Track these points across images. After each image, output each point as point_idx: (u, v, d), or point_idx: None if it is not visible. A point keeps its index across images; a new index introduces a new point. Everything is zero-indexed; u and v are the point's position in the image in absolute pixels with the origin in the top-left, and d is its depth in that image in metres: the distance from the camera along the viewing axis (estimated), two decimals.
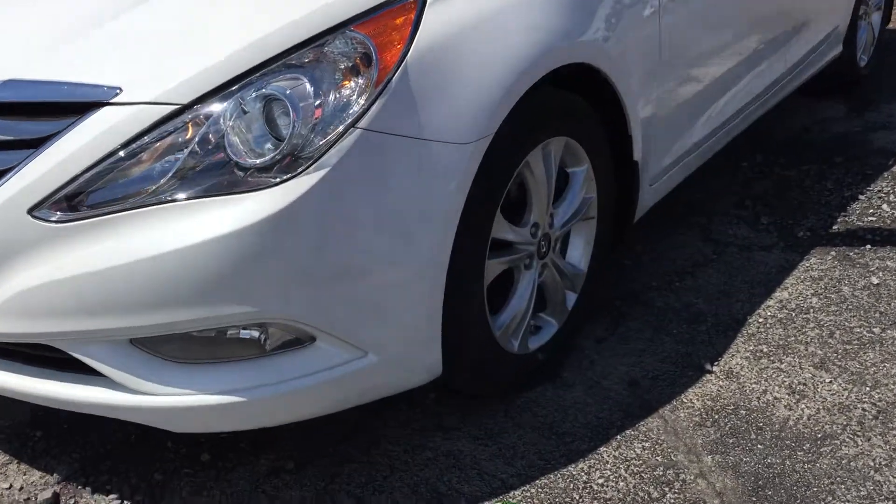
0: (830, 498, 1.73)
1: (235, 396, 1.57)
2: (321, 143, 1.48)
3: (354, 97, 1.51)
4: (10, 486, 1.81)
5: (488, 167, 1.69)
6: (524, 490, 1.78)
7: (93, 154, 1.47)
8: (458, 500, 1.76)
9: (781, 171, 3.23)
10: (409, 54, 1.56)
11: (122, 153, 1.47)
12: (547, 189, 1.94)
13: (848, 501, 1.72)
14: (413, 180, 1.57)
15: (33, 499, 1.77)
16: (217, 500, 1.77)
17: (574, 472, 1.82)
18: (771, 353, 2.18)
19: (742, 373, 2.11)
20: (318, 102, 1.50)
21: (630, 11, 2.08)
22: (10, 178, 1.50)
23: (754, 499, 1.74)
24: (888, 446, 1.86)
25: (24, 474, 1.84)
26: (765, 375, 2.10)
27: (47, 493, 1.77)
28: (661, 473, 1.81)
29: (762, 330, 2.28)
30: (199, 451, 1.89)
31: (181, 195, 1.47)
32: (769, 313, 2.35)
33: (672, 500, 1.74)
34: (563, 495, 1.76)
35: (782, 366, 2.13)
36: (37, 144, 1.50)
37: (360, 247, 1.54)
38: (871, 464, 1.81)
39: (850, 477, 1.78)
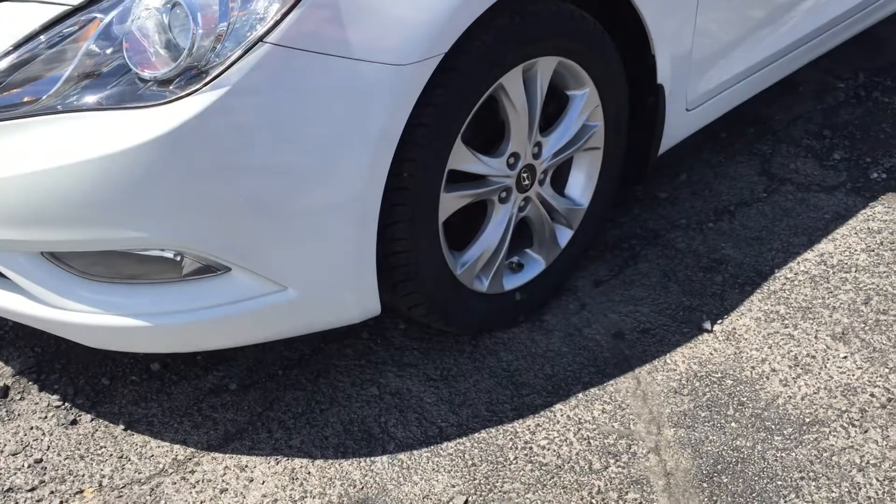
0: (793, 496, 1.52)
1: (143, 320, 1.51)
2: (224, 57, 1.34)
3: (265, 8, 1.35)
4: None
5: (438, 92, 1.50)
6: (458, 442, 1.66)
7: None
8: (387, 444, 1.67)
9: (881, 96, 2.81)
10: None
11: (13, 55, 1.38)
12: (528, 116, 1.73)
13: (812, 503, 1.51)
14: (333, 104, 1.41)
15: None
16: (153, 412, 1.75)
17: (518, 429, 1.68)
18: (787, 316, 1.92)
19: (745, 336, 1.88)
20: (223, 12, 1.35)
21: None
22: None
23: (705, 485, 1.55)
24: (885, 443, 1.61)
25: None
26: (770, 342, 1.86)
27: None
28: (611, 442, 1.64)
29: (786, 287, 2.01)
30: (152, 359, 1.86)
31: (79, 104, 1.38)
32: (802, 268, 2.07)
33: (612, 475, 1.58)
34: (498, 453, 1.64)
35: (795, 332, 1.88)
36: None
37: (266, 174, 1.41)
38: (857, 461, 1.58)
39: (826, 473, 1.56)
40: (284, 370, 1.84)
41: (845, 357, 1.81)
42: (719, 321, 1.92)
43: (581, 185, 1.96)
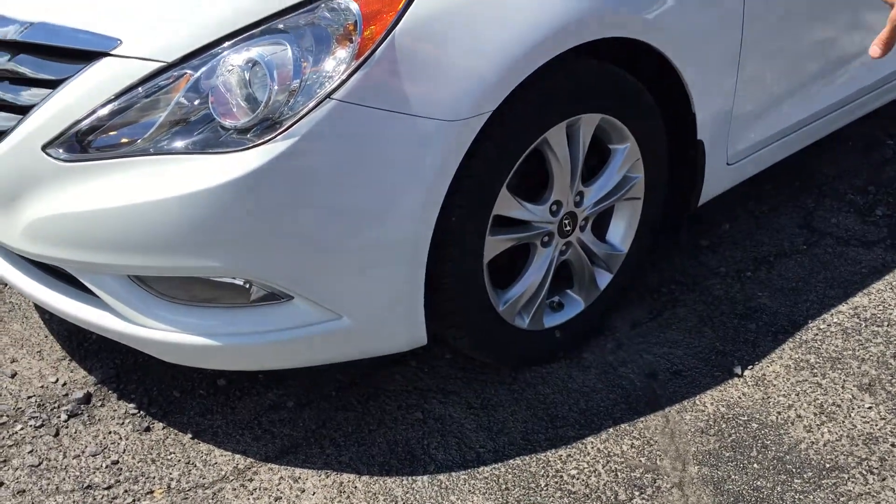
0: None
1: (214, 340, 1.68)
2: (297, 110, 1.52)
3: (334, 67, 1.52)
4: (57, 380, 2.05)
5: (486, 145, 1.66)
6: (494, 467, 1.79)
7: (94, 100, 1.58)
8: (428, 465, 1.80)
9: None
10: (398, 25, 1.54)
11: (115, 103, 1.57)
12: (571, 167, 1.87)
13: None
14: (392, 154, 1.57)
15: (70, 395, 2.00)
16: (217, 423, 1.92)
17: (551, 459, 1.81)
18: (816, 366, 2.01)
19: (774, 382, 1.97)
20: (297, 70, 1.53)
21: None
22: (33, 114, 1.65)
23: None
24: None
25: (71, 372, 2.08)
26: (798, 389, 1.95)
27: (81, 393, 2.00)
28: (637, 476, 1.75)
29: (818, 338, 2.10)
30: (218, 375, 2.04)
31: (168, 148, 1.56)
32: (835, 320, 2.15)
33: None
34: (531, 480, 1.76)
35: (823, 381, 1.97)
36: (55, 85, 1.64)
37: (329, 215, 1.58)
38: None
39: None
40: (337, 392, 1.99)
41: (870, 407, 1.89)
42: (750, 367, 2.02)
43: (621, 233, 2.09)
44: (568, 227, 1.95)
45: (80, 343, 2.17)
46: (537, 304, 1.96)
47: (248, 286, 1.67)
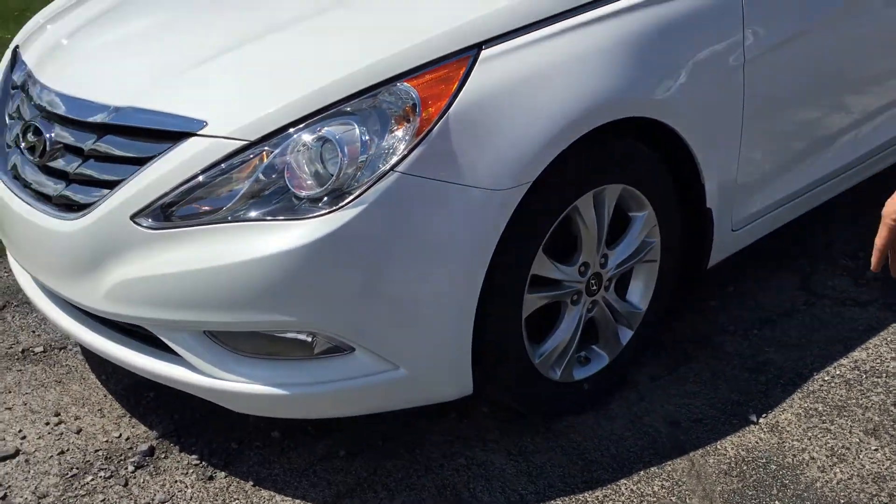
0: None
1: (282, 390, 1.85)
2: (363, 182, 1.72)
3: (396, 143, 1.74)
4: (120, 435, 2.20)
5: (526, 212, 1.86)
6: None
7: (181, 175, 1.78)
8: None
9: None
10: (451, 108, 1.76)
11: (201, 177, 1.77)
12: (598, 232, 2.08)
13: None
14: (446, 220, 1.77)
15: (134, 448, 2.14)
16: (276, 472, 2.06)
17: (588, 499, 1.96)
18: (824, 413, 2.19)
19: (787, 428, 2.14)
20: (363, 146, 1.74)
21: (709, 64, 2.15)
22: (121, 188, 1.85)
23: None
24: None
25: (133, 427, 2.23)
26: (809, 434, 2.12)
27: (145, 446, 2.14)
28: None
29: (824, 388, 2.28)
30: (271, 429, 2.19)
31: (246, 216, 1.76)
32: (838, 372, 2.34)
33: None
34: None
35: (831, 427, 2.14)
36: (142, 162, 1.85)
37: (390, 274, 1.77)
38: None
39: None
40: (384, 442, 2.15)
41: (876, 449, 2.07)
42: (764, 415, 2.19)
43: (640, 292, 2.28)
44: (594, 287, 2.14)
45: (137, 401, 2.32)
46: (568, 357, 2.14)
47: (311, 341, 1.85)
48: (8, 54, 2.53)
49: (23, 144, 2.12)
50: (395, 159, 1.73)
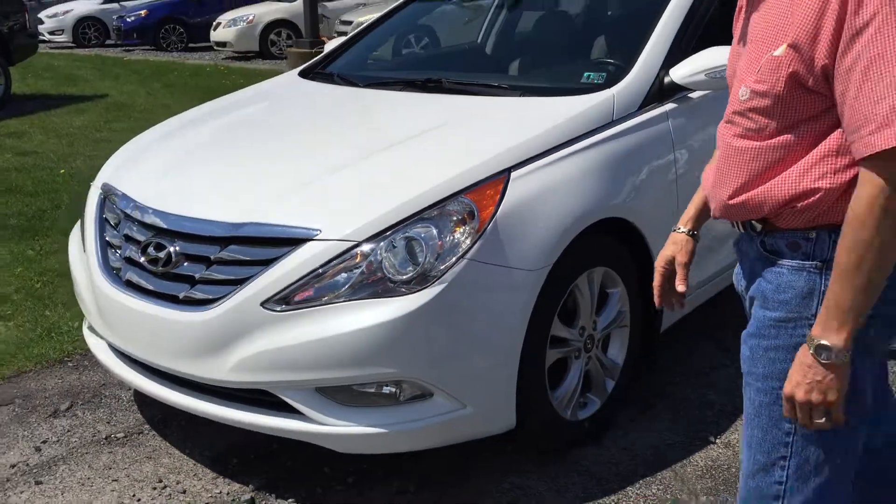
0: None
1: (378, 428, 2.42)
2: (442, 267, 2.38)
3: (463, 239, 2.42)
4: (220, 491, 2.68)
5: (548, 287, 2.56)
6: None
7: (303, 270, 2.39)
8: None
9: None
10: (497, 212, 2.47)
11: (319, 270, 2.39)
12: (591, 303, 2.79)
13: None
14: (499, 292, 2.45)
15: (237, 500, 2.63)
16: None
17: (606, 502, 2.59)
18: None
19: (738, 445, 2.86)
20: (440, 242, 2.41)
21: (655, 177, 2.96)
22: (250, 283, 2.43)
23: None
24: None
25: (228, 485, 2.71)
26: None
27: (247, 496, 2.63)
28: None
29: None
30: (346, 476, 2.73)
31: (353, 297, 2.38)
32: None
33: None
34: None
35: None
36: (267, 263, 2.44)
37: (466, 334, 2.41)
38: None
39: None
40: (443, 476, 2.72)
41: None
42: (719, 436, 2.91)
43: (617, 349, 2.99)
44: (589, 346, 2.84)
45: (224, 467, 2.81)
46: (574, 401, 2.81)
47: (397, 392, 2.45)
48: (94, 191, 3.08)
49: (142, 259, 2.66)
50: (462, 250, 2.40)
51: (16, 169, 6.86)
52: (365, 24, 4.24)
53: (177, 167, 2.96)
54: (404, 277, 2.39)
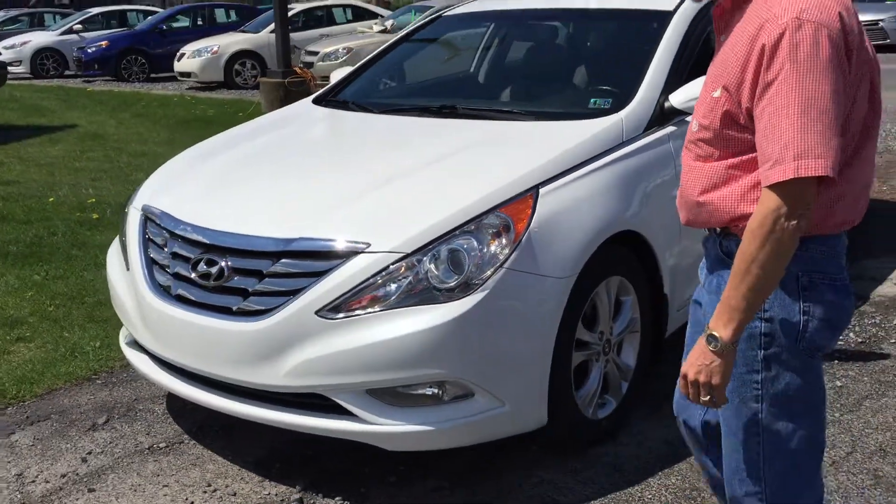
0: None
1: (425, 426, 2.62)
2: (483, 275, 2.60)
3: (501, 250, 2.64)
4: (269, 493, 2.84)
5: (574, 294, 2.79)
6: (600, 499, 2.77)
7: (355, 280, 2.59)
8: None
9: None
10: (530, 225, 2.70)
11: (370, 280, 2.59)
12: (609, 310, 3.03)
13: None
14: (534, 297, 2.67)
15: (287, 499, 2.79)
16: (402, 501, 2.78)
17: (632, 492, 2.82)
18: None
19: None
20: (480, 252, 2.62)
21: (660, 193, 3.21)
22: (304, 293, 2.62)
23: None
24: None
25: (275, 487, 2.87)
26: None
27: (297, 495, 2.80)
28: (689, 493, 2.80)
29: None
30: (386, 475, 2.91)
31: (402, 304, 2.58)
32: None
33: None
34: (623, 502, 2.76)
35: None
36: (319, 274, 2.63)
37: (504, 337, 2.63)
38: None
39: None
40: (474, 474, 2.91)
41: None
42: None
43: (630, 353, 3.23)
44: (606, 349, 3.08)
45: (267, 471, 2.97)
46: (595, 401, 3.03)
47: (440, 392, 2.64)
48: (134, 213, 3.24)
49: (193, 275, 2.83)
50: (501, 259, 2.63)
51: (2, 198, 6.91)
52: (368, 58, 4.45)
53: (218, 187, 3.14)
54: (449, 286, 2.60)
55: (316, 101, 4.08)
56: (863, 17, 22.43)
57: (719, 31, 1.90)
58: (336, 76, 4.33)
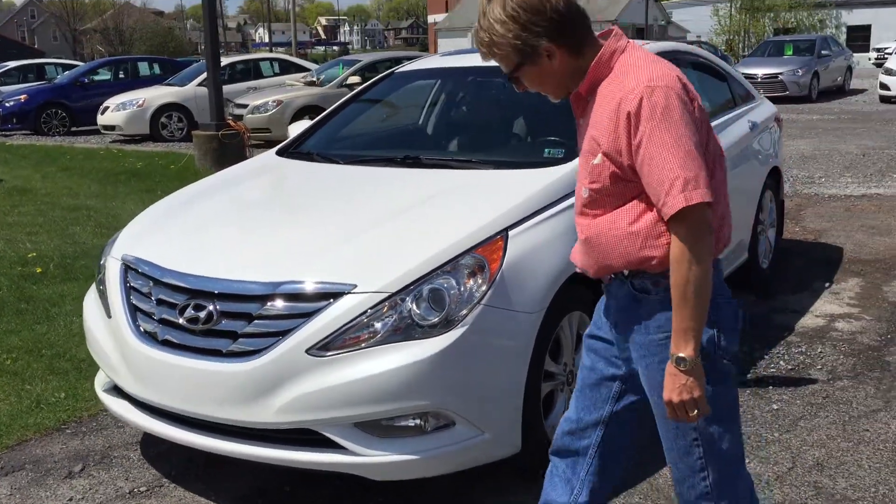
0: None
1: (410, 456, 2.78)
2: (461, 312, 2.80)
3: (477, 288, 2.85)
4: None
5: (542, 328, 3.01)
6: None
7: (343, 320, 2.76)
8: None
9: None
10: (503, 265, 2.92)
11: (357, 319, 2.76)
12: (571, 343, 3.27)
13: None
14: (508, 333, 2.89)
15: None
16: None
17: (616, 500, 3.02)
18: None
19: None
20: (459, 291, 2.83)
21: None
22: (293, 333, 2.77)
23: None
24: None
25: None
26: None
27: None
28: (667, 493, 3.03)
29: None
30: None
31: (388, 341, 2.76)
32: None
33: None
34: None
35: None
36: (308, 315, 2.79)
37: (482, 369, 2.83)
38: None
39: None
40: (455, 498, 3.08)
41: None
42: None
43: None
44: (570, 379, 3.30)
45: None
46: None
47: (422, 423, 2.82)
48: (113, 262, 3.34)
49: (181, 320, 2.95)
50: (477, 297, 2.84)
51: None
52: (326, 112, 4.65)
53: (200, 235, 3.28)
54: (431, 322, 2.79)
55: (279, 153, 4.25)
56: (764, 71, 23.68)
57: (578, 115, 2.18)
58: (295, 130, 4.52)
